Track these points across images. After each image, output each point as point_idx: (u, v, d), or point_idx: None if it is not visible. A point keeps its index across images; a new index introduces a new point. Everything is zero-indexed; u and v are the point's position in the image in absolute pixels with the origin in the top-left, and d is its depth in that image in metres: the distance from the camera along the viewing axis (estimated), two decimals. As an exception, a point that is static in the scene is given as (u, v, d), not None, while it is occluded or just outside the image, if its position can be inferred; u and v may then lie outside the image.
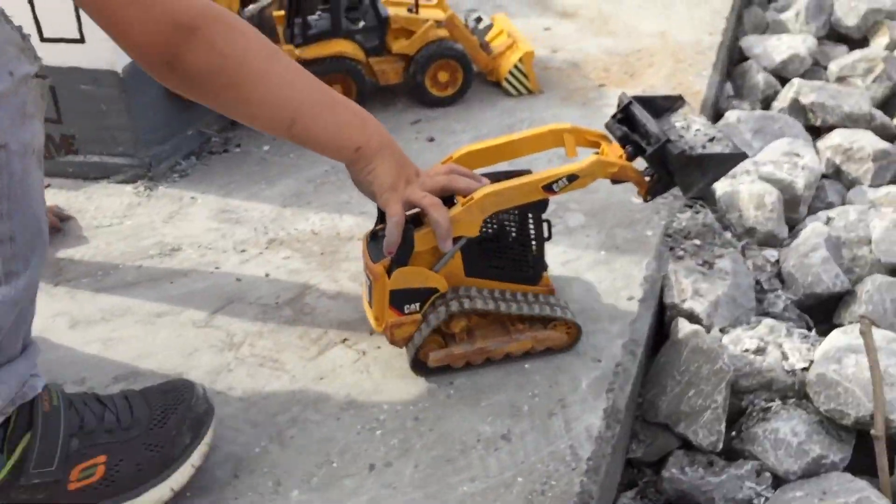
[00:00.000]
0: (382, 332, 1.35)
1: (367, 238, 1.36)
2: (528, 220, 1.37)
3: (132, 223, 1.80)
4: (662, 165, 1.35)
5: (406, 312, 1.33)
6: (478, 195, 1.28)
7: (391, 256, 1.28)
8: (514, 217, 1.37)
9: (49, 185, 1.91)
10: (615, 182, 1.41)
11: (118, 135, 1.90)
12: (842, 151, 2.15)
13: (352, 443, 1.25)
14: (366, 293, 1.40)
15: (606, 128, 1.42)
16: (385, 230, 1.27)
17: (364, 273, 1.37)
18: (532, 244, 1.39)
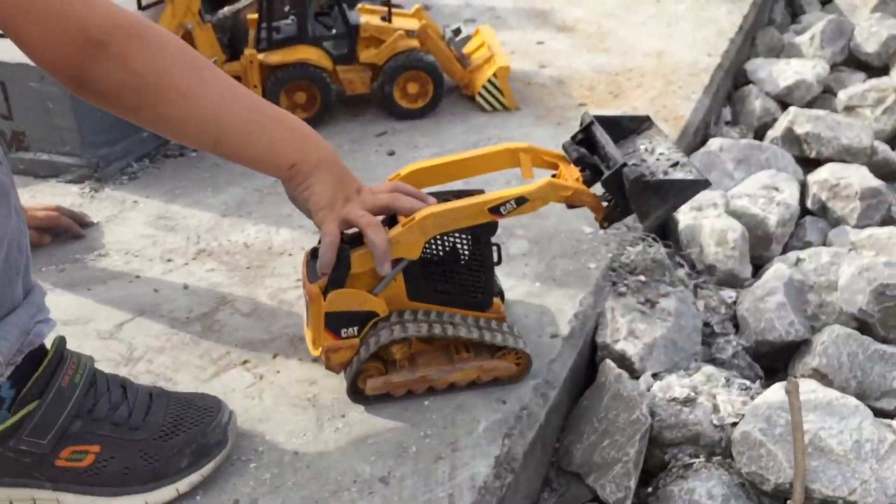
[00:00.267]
0: (318, 357, 1.28)
1: (308, 256, 1.30)
2: (476, 244, 1.28)
3: (65, 226, 1.76)
4: (620, 191, 1.25)
5: (343, 336, 1.25)
6: (419, 215, 1.20)
7: (326, 277, 1.22)
8: (461, 240, 1.28)
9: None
10: (570, 207, 1.31)
11: (65, 134, 1.87)
12: (828, 187, 2.02)
13: (222, 474, 1.18)
14: (305, 314, 1.33)
15: (563, 148, 1.33)
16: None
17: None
18: (480, 269, 1.30)
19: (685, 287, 1.62)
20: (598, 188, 1.28)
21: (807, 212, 2.10)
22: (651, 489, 1.34)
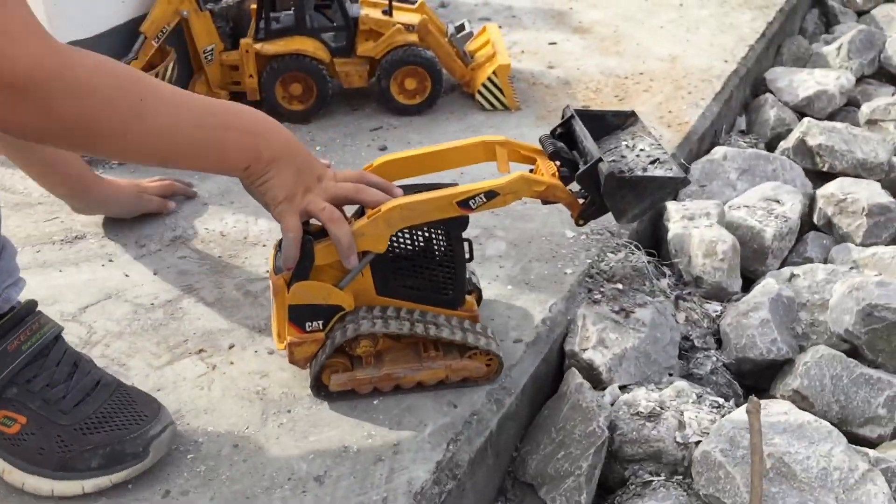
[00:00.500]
0: (283, 350, 1.25)
1: (276, 247, 1.27)
2: (446, 239, 1.24)
3: (47, 208, 1.76)
4: (595, 187, 1.20)
5: (308, 330, 1.23)
6: (385, 207, 1.17)
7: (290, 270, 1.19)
8: (431, 235, 1.25)
9: (-12, 160, 1.90)
10: (545, 203, 1.27)
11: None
12: (834, 202, 1.93)
13: (159, 464, 1.16)
14: (272, 307, 1.31)
15: (540, 142, 1.29)
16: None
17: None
18: (451, 265, 1.26)
19: (666, 298, 1.56)
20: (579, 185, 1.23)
21: (814, 228, 2.02)
22: (606, 506, 1.29)
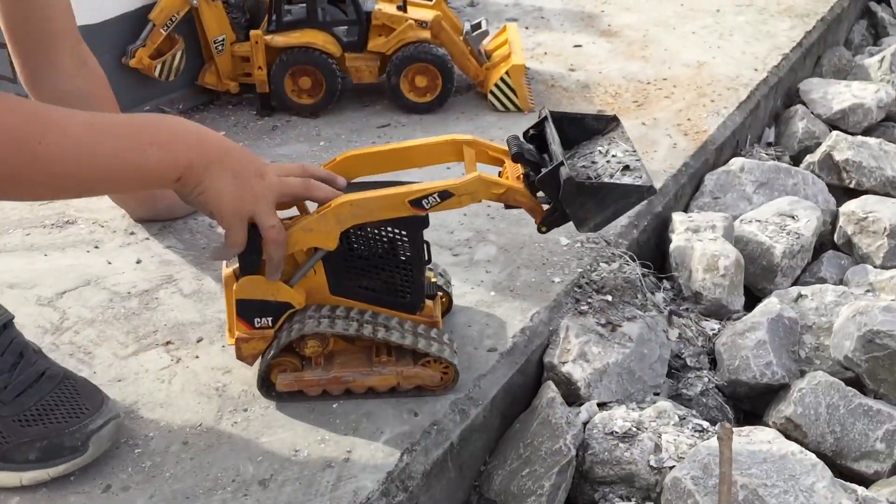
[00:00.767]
0: (232, 345, 1.22)
1: None
2: (403, 240, 1.19)
3: (46, 190, 1.76)
4: (557, 192, 1.15)
5: (256, 326, 1.19)
6: (335, 203, 1.13)
7: (239, 264, 1.16)
8: (389, 235, 1.19)
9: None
10: (507, 207, 1.22)
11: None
12: (855, 221, 1.83)
13: (105, 457, 1.13)
14: None
15: (507, 143, 1.24)
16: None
17: None
18: (408, 267, 1.21)
19: (659, 313, 1.49)
20: None
21: (835, 247, 1.91)
22: (570, 529, 1.23)
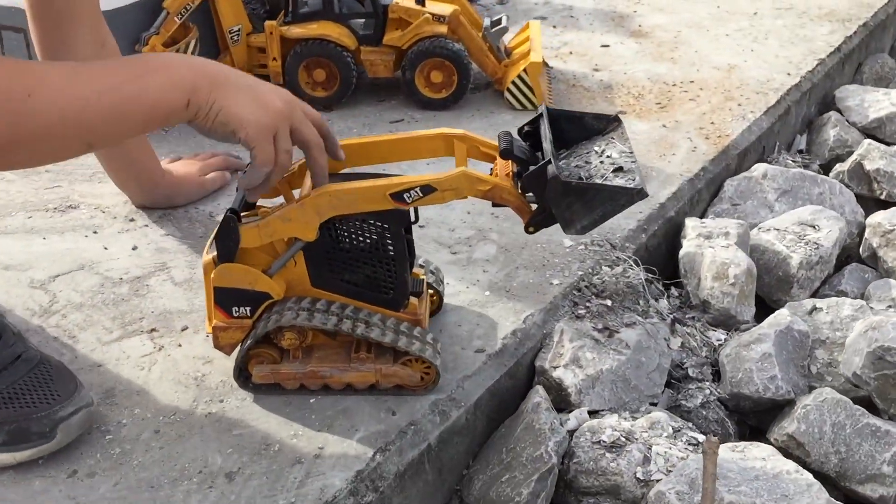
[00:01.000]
0: (210, 334, 1.20)
1: (215, 237, 1.22)
2: (385, 234, 1.15)
3: (53, 176, 1.77)
4: (543, 191, 1.11)
5: (234, 316, 1.17)
6: (314, 193, 1.11)
7: (217, 251, 1.13)
8: (369, 228, 1.16)
9: None
10: (495, 205, 1.18)
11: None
12: (881, 233, 1.74)
13: (75, 442, 1.11)
14: None
15: (498, 139, 1.20)
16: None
17: None
18: (390, 263, 1.18)
19: (661, 320, 1.43)
20: None
21: (861, 260, 1.83)
22: (550, 540, 1.18)
